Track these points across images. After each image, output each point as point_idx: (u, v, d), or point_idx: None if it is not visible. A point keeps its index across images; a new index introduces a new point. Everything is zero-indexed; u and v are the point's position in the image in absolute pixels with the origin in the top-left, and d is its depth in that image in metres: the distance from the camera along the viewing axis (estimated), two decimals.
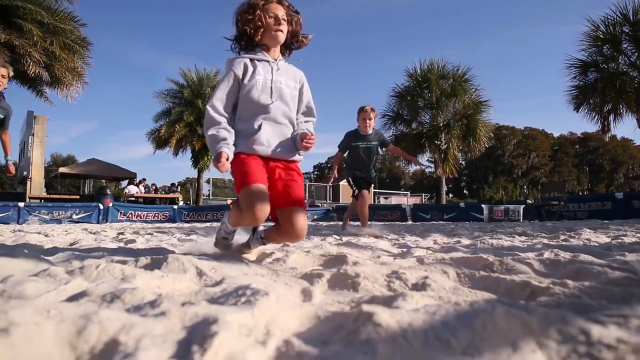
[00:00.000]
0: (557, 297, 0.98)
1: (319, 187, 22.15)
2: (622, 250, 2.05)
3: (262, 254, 1.98)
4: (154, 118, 19.73)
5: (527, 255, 1.79)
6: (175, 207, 12.78)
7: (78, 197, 16.56)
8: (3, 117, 4.58)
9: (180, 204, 15.59)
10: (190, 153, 19.78)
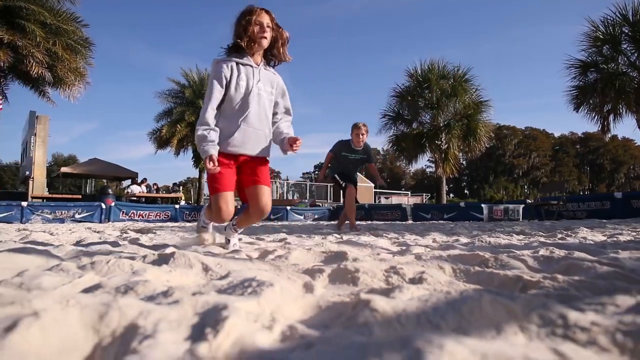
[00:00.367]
0: (546, 289, 1.03)
1: (320, 187, 22.17)
2: (615, 248, 2.09)
3: (264, 252, 2.03)
4: (156, 118, 19.83)
5: (522, 253, 1.82)
6: (177, 206, 12.83)
7: (80, 196, 16.63)
8: None
9: (182, 204, 15.65)
10: (192, 153, 19.85)
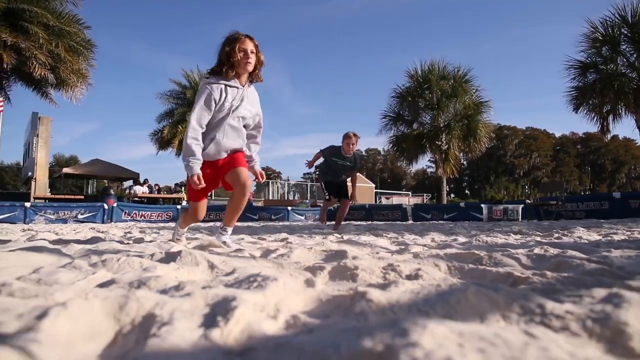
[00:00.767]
0: (534, 284, 1.10)
1: (320, 187, 22.22)
2: (609, 247, 2.15)
3: (266, 251, 2.09)
4: (157, 119, 19.92)
5: (517, 251, 1.88)
6: (179, 207, 12.91)
7: (82, 197, 16.71)
8: None
9: (184, 204, 15.72)
10: None
